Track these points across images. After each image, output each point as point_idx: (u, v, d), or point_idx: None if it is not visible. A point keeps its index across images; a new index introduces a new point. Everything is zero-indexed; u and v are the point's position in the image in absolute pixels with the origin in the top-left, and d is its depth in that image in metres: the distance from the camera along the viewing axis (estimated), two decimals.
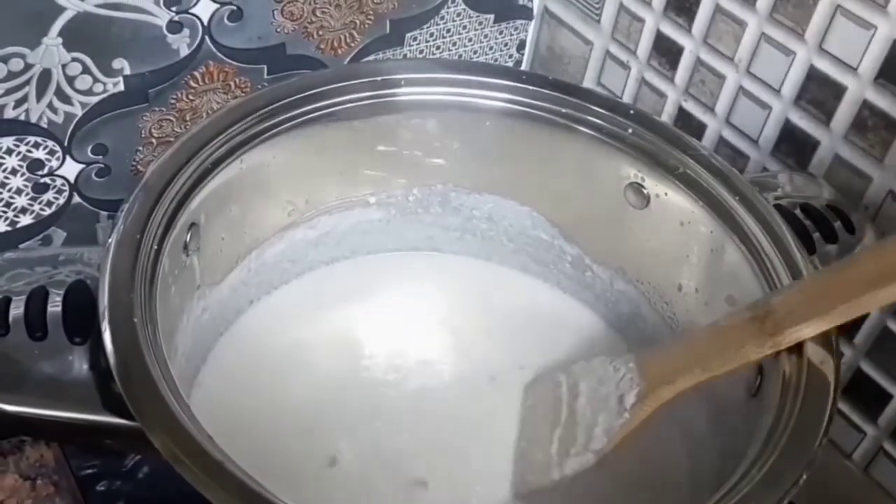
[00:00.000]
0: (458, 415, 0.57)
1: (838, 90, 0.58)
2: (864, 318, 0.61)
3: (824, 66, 0.59)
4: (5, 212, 0.61)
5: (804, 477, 0.41)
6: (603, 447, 0.51)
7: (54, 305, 0.45)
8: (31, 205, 0.62)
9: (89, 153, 0.62)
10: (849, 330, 0.62)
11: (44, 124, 0.59)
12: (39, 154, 0.60)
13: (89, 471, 0.59)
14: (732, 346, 0.48)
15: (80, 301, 0.45)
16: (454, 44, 0.75)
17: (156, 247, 0.46)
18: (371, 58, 0.71)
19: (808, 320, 0.46)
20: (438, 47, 0.74)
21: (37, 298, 0.45)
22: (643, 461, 0.55)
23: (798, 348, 0.46)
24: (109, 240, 0.45)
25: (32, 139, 0.59)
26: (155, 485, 0.59)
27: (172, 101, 0.63)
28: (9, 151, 0.59)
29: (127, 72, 0.60)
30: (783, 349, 0.46)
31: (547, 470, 0.52)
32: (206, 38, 0.62)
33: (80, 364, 0.43)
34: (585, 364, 0.55)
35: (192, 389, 0.55)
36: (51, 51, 0.56)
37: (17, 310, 0.44)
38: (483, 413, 0.58)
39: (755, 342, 0.47)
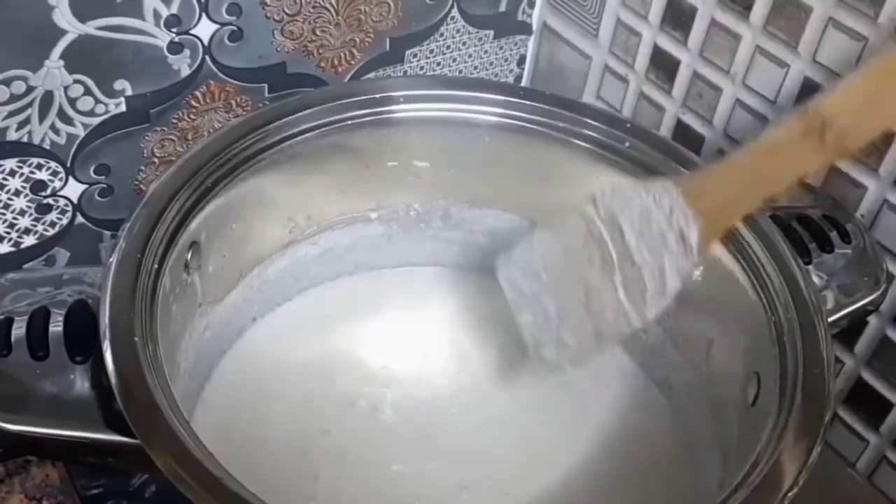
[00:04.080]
0: (464, 428, 0.57)
1: None
2: (864, 326, 0.61)
3: (818, 76, 0.59)
4: (9, 233, 0.62)
5: (801, 481, 0.41)
6: (677, 288, 0.48)
7: (56, 325, 0.45)
8: (35, 225, 0.62)
9: (92, 173, 0.62)
10: (849, 339, 0.63)
11: (46, 146, 0.60)
12: (42, 175, 0.61)
13: (95, 491, 0.59)
14: (791, 163, 0.46)
15: (82, 320, 0.45)
16: (454, 60, 0.75)
17: (156, 266, 0.47)
18: (371, 75, 0.71)
19: (869, 129, 0.45)
20: (439, 63, 0.75)
21: (38, 318, 0.45)
22: (647, 470, 0.56)
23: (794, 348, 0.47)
24: (110, 259, 0.46)
25: (35, 160, 0.60)
26: None
27: (174, 121, 0.64)
28: (12, 173, 0.59)
29: (129, 92, 0.60)
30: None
31: (625, 318, 0.49)
32: (207, 58, 0.62)
33: (81, 383, 0.43)
34: (612, 195, 0.49)
35: (196, 407, 0.55)
36: (53, 73, 0.57)
37: (19, 330, 0.45)
38: (489, 425, 0.58)
39: (815, 156, 0.45)
